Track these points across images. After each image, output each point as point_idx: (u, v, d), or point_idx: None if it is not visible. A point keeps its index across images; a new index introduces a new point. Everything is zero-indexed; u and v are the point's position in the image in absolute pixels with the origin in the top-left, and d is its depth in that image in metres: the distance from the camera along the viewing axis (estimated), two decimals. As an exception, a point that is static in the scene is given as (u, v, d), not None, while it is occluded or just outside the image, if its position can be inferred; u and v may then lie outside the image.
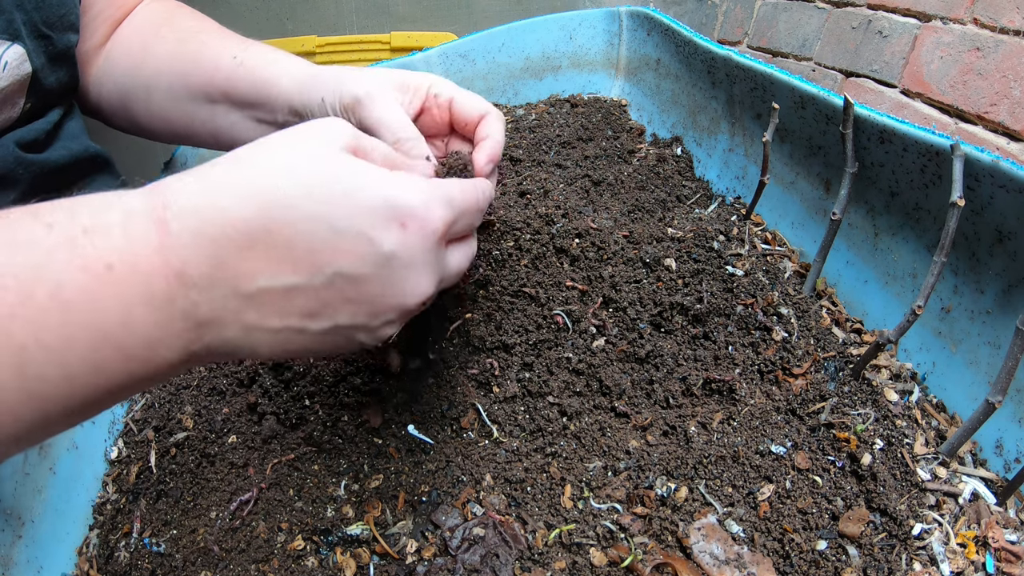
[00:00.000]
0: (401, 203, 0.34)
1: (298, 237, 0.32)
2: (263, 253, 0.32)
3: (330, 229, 0.33)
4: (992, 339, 0.54)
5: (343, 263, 0.33)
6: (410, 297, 0.36)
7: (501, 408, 0.59)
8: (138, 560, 0.52)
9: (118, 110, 0.68)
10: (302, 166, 0.34)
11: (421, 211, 0.35)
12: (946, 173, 0.53)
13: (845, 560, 0.46)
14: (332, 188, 0.33)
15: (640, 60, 1.16)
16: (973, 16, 1.19)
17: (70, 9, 0.62)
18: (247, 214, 0.32)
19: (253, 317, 0.33)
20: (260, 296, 0.33)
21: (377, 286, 0.34)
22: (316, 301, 0.34)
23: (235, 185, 0.33)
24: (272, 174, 0.33)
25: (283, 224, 0.32)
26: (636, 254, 0.69)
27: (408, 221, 0.34)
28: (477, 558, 0.47)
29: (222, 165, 0.34)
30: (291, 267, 0.33)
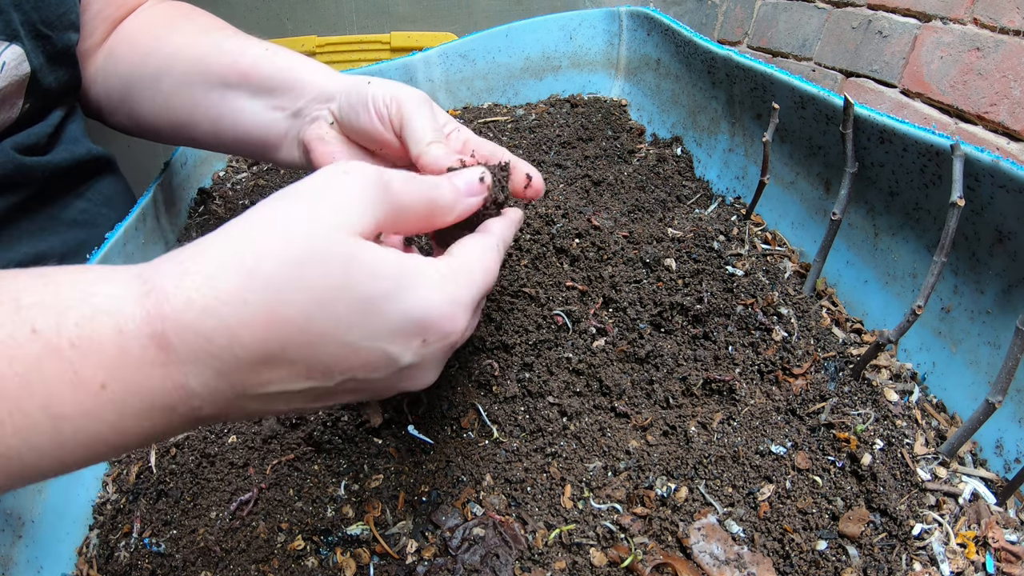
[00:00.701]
0: (424, 319, 0.33)
1: (314, 355, 0.31)
2: (277, 367, 0.31)
3: (348, 346, 0.31)
4: (992, 339, 0.54)
5: (358, 372, 0.33)
6: (418, 387, 0.37)
7: (501, 408, 0.59)
8: (138, 560, 0.52)
9: (118, 106, 0.67)
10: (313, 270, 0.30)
11: (445, 325, 0.34)
12: (946, 173, 0.53)
13: (845, 560, 0.46)
14: (350, 302, 0.31)
15: (640, 60, 1.16)
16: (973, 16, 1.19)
17: (70, 8, 0.62)
18: (258, 336, 0.29)
19: (258, 407, 0.32)
20: (269, 396, 0.32)
21: (388, 384, 0.35)
22: (325, 394, 0.34)
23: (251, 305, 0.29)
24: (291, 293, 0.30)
25: (300, 346, 0.30)
26: (636, 254, 0.69)
27: (430, 336, 0.33)
28: (477, 558, 0.47)
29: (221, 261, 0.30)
30: (305, 376, 0.31)
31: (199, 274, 0.30)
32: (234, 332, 0.29)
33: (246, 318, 0.29)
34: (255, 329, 0.29)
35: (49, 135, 0.65)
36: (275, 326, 0.30)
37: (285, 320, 0.30)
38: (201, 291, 0.29)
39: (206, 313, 0.29)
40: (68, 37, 0.62)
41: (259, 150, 0.61)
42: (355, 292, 0.31)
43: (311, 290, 0.30)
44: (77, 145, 0.69)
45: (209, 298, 0.29)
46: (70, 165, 0.68)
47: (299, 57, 0.58)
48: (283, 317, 0.30)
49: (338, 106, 0.54)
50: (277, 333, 0.30)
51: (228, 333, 0.29)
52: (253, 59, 0.58)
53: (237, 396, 0.31)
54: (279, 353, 0.30)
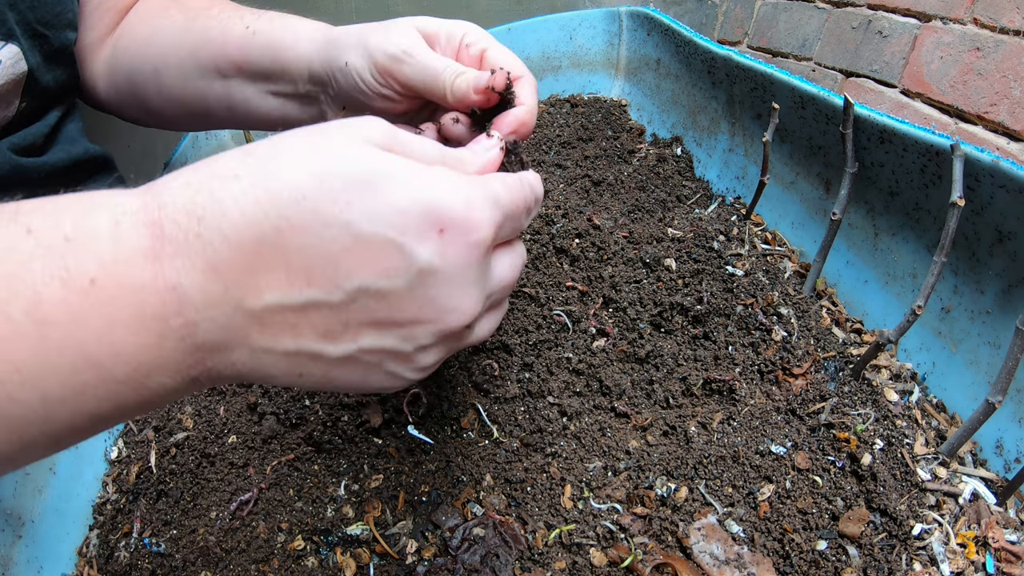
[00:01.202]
0: (439, 203, 0.28)
1: (314, 243, 0.27)
2: (272, 262, 0.27)
3: (352, 235, 0.27)
4: (992, 339, 0.54)
5: (368, 277, 0.28)
6: (452, 318, 0.30)
7: (501, 408, 0.59)
8: (138, 560, 0.52)
9: (128, 99, 0.66)
10: (321, 159, 0.28)
11: (463, 213, 0.29)
12: (946, 173, 0.53)
13: (845, 560, 0.46)
14: (355, 184, 0.27)
15: (640, 60, 1.16)
16: (973, 16, 1.19)
17: (67, 7, 0.62)
18: (254, 214, 0.26)
19: (262, 338, 0.28)
20: (269, 314, 0.28)
21: (410, 305, 0.29)
22: (335, 320, 0.28)
23: (242, 180, 0.27)
24: (286, 168, 0.28)
25: (296, 228, 0.27)
26: (636, 254, 0.69)
27: (448, 226, 0.28)
28: (477, 558, 0.47)
29: (230, 156, 0.29)
30: (305, 279, 0.27)
31: (203, 164, 0.28)
32: (224, 209, 0.26)
33: (236, 192, 0.26)
34: (245, 205, 0.26)
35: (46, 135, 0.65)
36: (267, 202, 0.26)
37: (277, 194, 0.26)
38: (198, 173, 0.27)
39: (198, 190, 0.27)
40: (66, 36, 0.62)
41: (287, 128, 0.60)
42: (357, 168, 0.28)
43: (313, 171, 0.27)
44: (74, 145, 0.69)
45: (204, 177, 0.27)
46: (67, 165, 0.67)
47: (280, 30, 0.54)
48: (275, 191, 0.27)
49: (334, 93, 0.51)
50: (269, 211, 0.26)
51: (218, 210, 0.26)
52: (238, 46, 0.55)
53: (235, 309, 0.27)
54: (273, 239, 0.26)
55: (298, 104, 0.56)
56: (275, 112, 0.57)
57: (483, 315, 0.33)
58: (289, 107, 0.56)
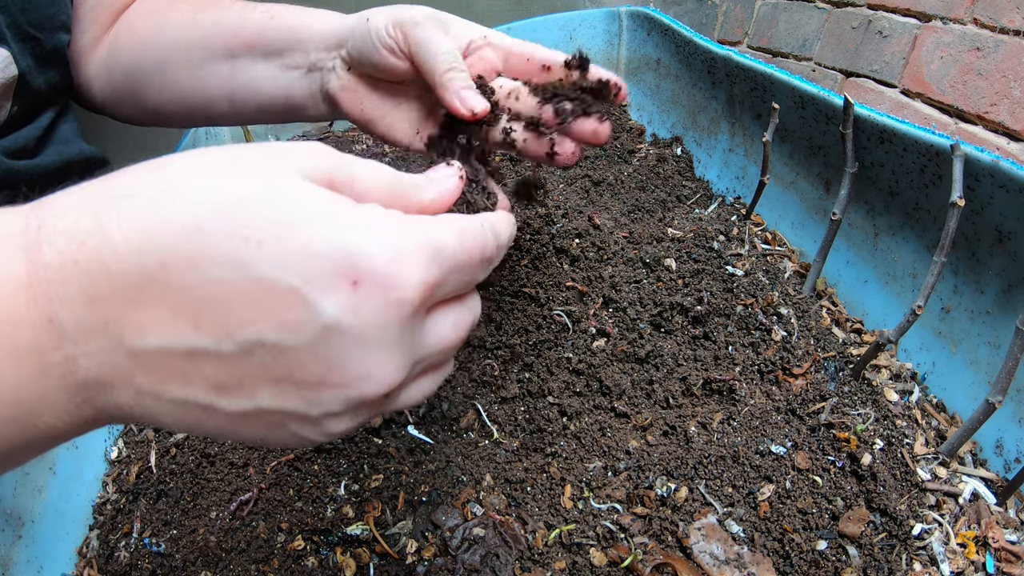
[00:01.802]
0: (358, 250, 0.24)
1: (204, 283, 0.23)
2: (156, 300, 0.23)
3: (248, 278, 0.23)
4: (992, 339, 0.54)
5: (264, 328, 0.24)
6: (364, 386, 0.25)
7: (501, 408, 0.59)
8: (138, 560, 0.52)
9: (127, 98, 0.66)
10: (233, 187, 0.24)
11: (386, 265, 0.24)
12: (946, 173, 0.53)
13: (845, 560, 0.46)
14: (263, 221, 0.23)
15: (640, 60, 1.16)
16: (973, 16, 1.19)
17: (60, 8, 0.61)
18: (139, 243, 0.23)
19: (146, 382, 0.24)
20: (152, 357, 0.24)
21: (315, 366, 0.24)
22: (228, 373, 0.24)
23: (134, 200, 0.24)
24: (190, 192, 0.24)
25: (185, 263, 0.23)
26: (636, 254, 0.69)
27: (364, 279, 0.24)
28: (477, 558, 0.47)
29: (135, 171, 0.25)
30: (192, 324, 0.24)
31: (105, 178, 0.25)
32: (107, 235, 0.23)
33: (124, 215, 0.23)
34: (131, 232, 0.23)
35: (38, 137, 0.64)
36: (156, 230, 0.23)
37: (168, 223, 0.23)
38: (92, 190, 0.24)
39: (82, 211, 0.24)
40: (58, 38, 0.62)
41: (286, 113, 0.60)
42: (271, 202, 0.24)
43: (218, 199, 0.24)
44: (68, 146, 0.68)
45: (95, 196, 0.24)
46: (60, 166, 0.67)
47: (302, 12, 0.56)
48: (167, 219, 0.23)
49: (347, 51, 0.51)
50: (156, 240, 0.23)
51: (101, 235, 0.23)
52: (255, 27, 0.56)
53: (115, 348, 0.24)
54: (158, 273, 0.23)
55: (304, 75, 0.57)
56: (280, 88, 0.58)
57: (410, 382, 0.29)
58: (295, 80, 0.57)
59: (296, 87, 0.56)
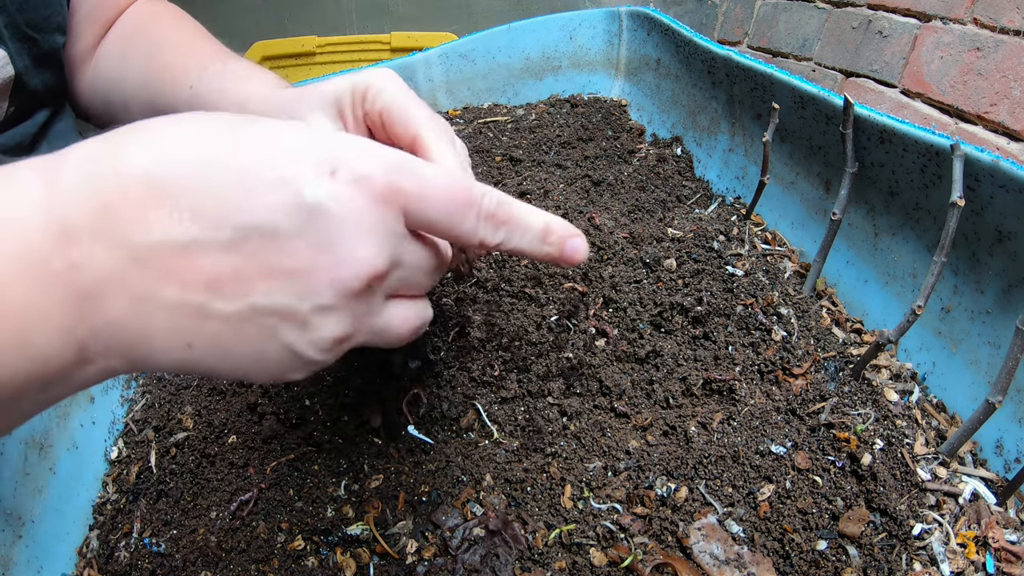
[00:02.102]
0: (334, 148, 0.28)
1: (203, 179, 0.26)
2: (158, 197, 0.26)
3: (241, 169, 0.26)
4: (992, 339, 0.54)
5: (257, 213, 0.26)
6: (347, 266, 0.27)
7: (501, 408, 0.59)
8: (138, 560, 0.52)
9: (105, 118, 0.67)
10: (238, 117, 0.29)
11: (357, 159, 0.28)
12: (946, 173, 0.53)
13: (845, 560, 0.46)
14: (253, 129, 0.28)
15: (640, 60, 1.16)
16: (973, 16, 1.19)
17: (56, 10, 0.61)
18: (149, 154, 0.26)
19: (144, 282, 0.26)
20: (153, 253, 0.26)
21: (302, 248, 0.27)
22: (224, 264, 0.26)
23: (145, 130, 0.27)
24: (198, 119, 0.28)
25: (188, 165, 0.26)
26: (636, 254, 0.69)
27: (340, 169, 0.27)
28: (477, 558, 0.47)
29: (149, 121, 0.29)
30: (190, 215, 0.26)
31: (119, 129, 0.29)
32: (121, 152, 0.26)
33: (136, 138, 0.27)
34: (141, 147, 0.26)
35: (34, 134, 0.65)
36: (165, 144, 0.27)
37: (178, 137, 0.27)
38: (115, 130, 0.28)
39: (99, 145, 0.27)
40: (55, 40, 0.62)
41: None
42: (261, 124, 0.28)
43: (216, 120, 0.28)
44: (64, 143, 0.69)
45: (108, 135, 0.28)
46: None
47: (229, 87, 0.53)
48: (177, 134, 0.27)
49: None
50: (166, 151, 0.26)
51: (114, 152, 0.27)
52: (187, 100, 0.55)
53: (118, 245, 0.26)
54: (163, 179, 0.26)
55: None
56: None
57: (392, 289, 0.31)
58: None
59: None
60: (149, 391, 0.67)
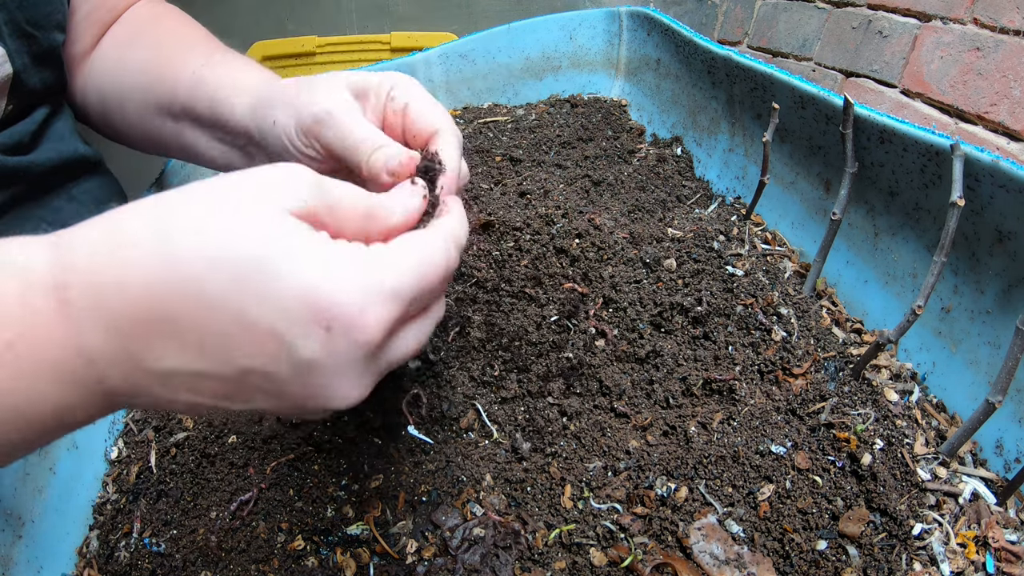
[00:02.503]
0: (327, 300, 0.28)
1: (206, 322, 0.28)
2: (168, 335, 0.28)
3: (238, 319, 0.28)
4: (992, 339, 0.54)
5: (255, 360, 0.29)
6: (337, 402, 0.31)
7: (501, 408, 0.59)
8: (138, 560, 0.52)
9: (100, 119, 0.67)
10: (222, 235, 0.28)
11: (352, 313, 0.29)
12: (946, 173, 0.53)
13: (845, 560, 0.46)
14: (248, 268, 0.28)
15: (640, 60, 1.16)
16: (973, 16, 1.19)
17: (56, 7, 0.61)
18: (149, 286, 0.28)
19: (164, 392, 0.30)
20: (167, 376, 0.29)
21: (297, 388, 0.30)
22: (228, 388, 0.30)
23: (141, 248, 0.28)
24: (186, 241, 0.28)
25: (189, 306, 0.28)
26: (636, 254, 0.69)
27: (335, 324, 0.28)
28: (477, 558, 0.47)
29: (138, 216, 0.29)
30: (197, 353, 0.28)
31: (108, 221, 0.29)
32: (124, 276, 0.28)
33: (136, 260, 0.28)
34: (145, 274, 0.27)
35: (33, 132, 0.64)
36: (165, 273, 0.28)
37: (175, 268, 0.28)
38: (104, 235, 0.29)
39: (102, 255, 0.28)
40: (54, 37, 0.61)
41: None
42: (256, 263, 0.28)
43: (210, 249, 0.28)
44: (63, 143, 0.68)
45: (109, 242, 0.28)
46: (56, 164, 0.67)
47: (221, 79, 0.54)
48: (173, 264, 0.28)
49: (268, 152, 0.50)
50: (165, 286, 0.28)
51: (118, 276, 0.28)
52: (187, 92, 0.55)
53: (135, 368, 0.29)
54: (167, 312, 0.28)
55: (240, 155, 0.55)
56: (220, 158, 0.57)
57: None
58: (232, 156, 0.56)
59: (235, 160, 0.56)
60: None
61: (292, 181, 0.31)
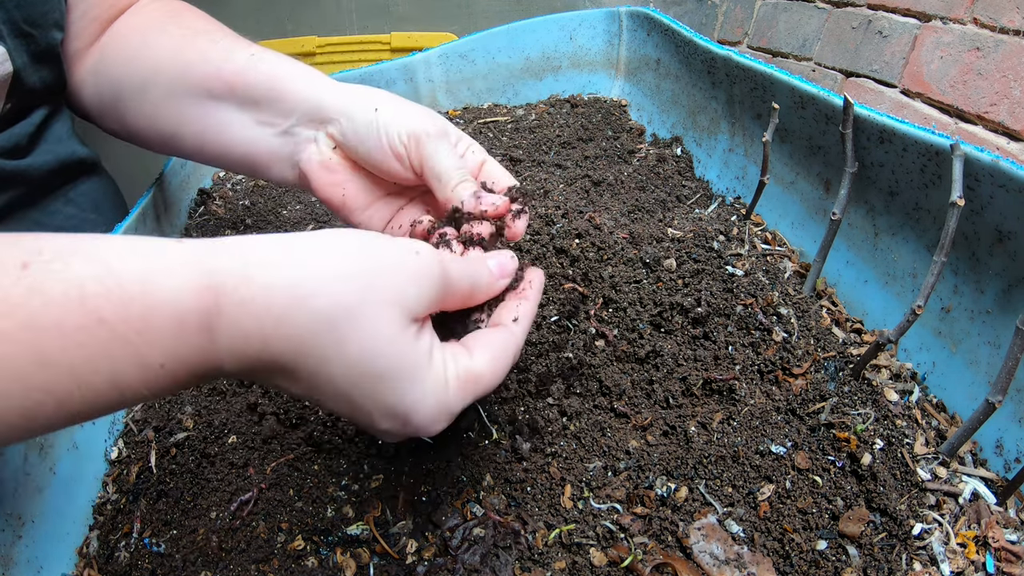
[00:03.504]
0: (411, 413, 0.38)
1: (317, 385, 0.36)
2: (285, 378, 0.36)
3: (344, 395, 0.36)
4: (992, 339, 0.54)
5: (346, 410, 0.37)
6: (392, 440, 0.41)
7: (501, 408, 0.59)
8: (138, 560, 0.52)
9: (110, 111, 0.65)
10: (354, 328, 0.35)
11: (424, 423, 0.38)
12: (946, 173, 0.53)
13: (845, 560, 0.46)
14: (363, 372, 0.35)
15: (640, 60, 1.16)
16: (973, 16, 1.19)
17: (54, 6, 0.61)
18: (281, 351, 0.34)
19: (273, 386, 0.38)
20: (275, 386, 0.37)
21: (371, 428, 0.39)
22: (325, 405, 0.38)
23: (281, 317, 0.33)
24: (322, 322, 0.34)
25: (309, 374, 0.35)
26: (636, 254, 0.69)
27: (409, 426, 0.38)
28: (477, 558, 0.47)
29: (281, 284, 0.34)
30: (306, 392, 0.37)
31: (257, 283, 0.34)
32: (266, 341, 0.34)
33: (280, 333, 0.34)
34: (282, 347, 0.34)
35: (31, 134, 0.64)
36: (297, 351, 0.34)
37: (306, 354, 0.34)
38: (256, 298, 0.33)
39: (250, 317, 0.33)
40: (52, 36, 0.61)
41: (245, 166, 0.60)
42: (373, 363, 0.35)
43: (340, 342, 0.34)
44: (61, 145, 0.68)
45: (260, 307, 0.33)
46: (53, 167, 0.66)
47: (288, 65, 0.56)
48: (306, 351, 0.34)
49: (341, 132, 0.53)
50: (297, 359, 0.34)
51: (261, 339, 0.33)
52: (238, 67, 0.56)
53: (251, 376, 0.36)
54: (291, 371, 0.35)
55: (278, 136, 0.56)
56: (248, 142, 0.58)
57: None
58: (266, 138, 0.57)
59: (262, 144, 0.57)
60: (149, 391, 0.67)
61: (423, 285, 0.37)
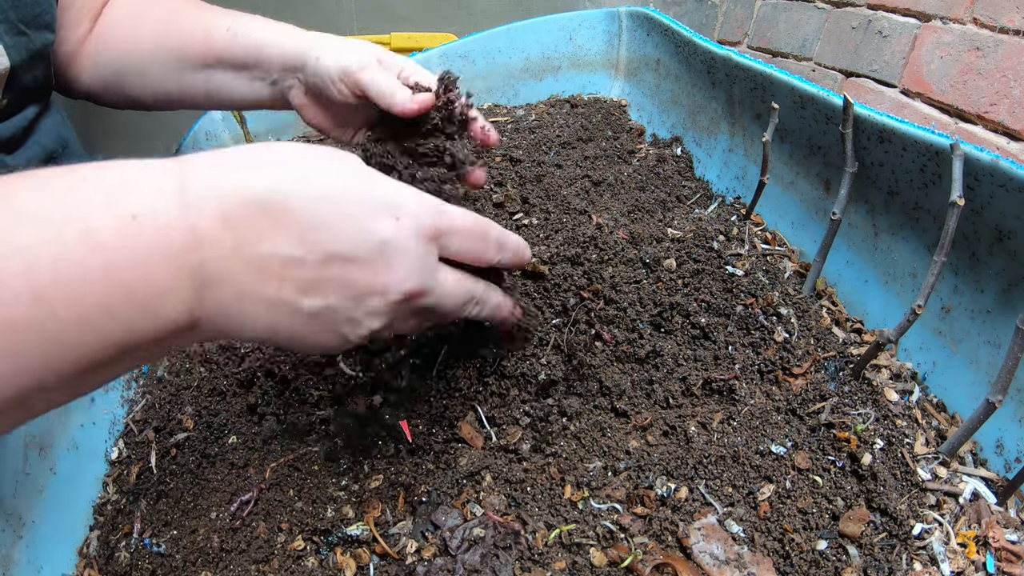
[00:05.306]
0: (398, 200, 0.39)
1: (307, 215, 0.35)
2: (272, 223, 0.35)
3: (337, 214, 0.36)
4: (992, 338, 0.54)
5: (341, 245, 0.36)
6: (394, 285, 0.38)
7: (501, 408, 0.59)
8: (138, 560, 0.52)
9: (111, 89, 0.71)
10: (327, 162, 0.38)
11: (413, 208, 0.39)
12: (946, 173, 0.53)
13: (845, 560, 0.46)
14: (349, 182, 0.37)
15: (640, 60, 1.16)
16: (973, 16, 1.19)
17: (45, 9, 0.63)
18: (265, 187, 0.35)
19: (251, 281, 0.35)
20: (261, 261, 0.35)
21: (368, 270, 0.37)
22: (312, 276, 0.36)
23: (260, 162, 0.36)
24: (299, 160, 0.37)
25: (297, 201, 0.35)
26: (636, 254, 0.69)
27: (401, 215, 0.38)
28: (477, 558, 0.47)
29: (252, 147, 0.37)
30: (296, 240, 0.35)
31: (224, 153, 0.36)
32: (245, 173, 0.35)
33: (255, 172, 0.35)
34: (262, 181, 0.35)
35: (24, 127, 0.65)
36: (280, 184, 0.35)
37: (290, 180, 0.35)
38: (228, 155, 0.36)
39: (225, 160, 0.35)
40: (44, 37, 0.63)
41: (254, 108, 0.71)
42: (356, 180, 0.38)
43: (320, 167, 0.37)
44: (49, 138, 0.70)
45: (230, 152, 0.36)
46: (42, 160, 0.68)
47: (262, 31, 0.65)
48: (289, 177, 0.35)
49: (304, 78, 0.63)
50: (280, 188, 0.35)
51: (240, 173, 0.35)
52: (223, 42, 0.65)
53: (235, 253, 0.34)
54: (276, 209, 0.35)
55: (269, 86, 0.66)
56: (250, 94, 0.67)
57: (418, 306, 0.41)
58: (262, 88, 0.67)
59: (263, 94, 0.67)
60: (149, 392, 0.67)
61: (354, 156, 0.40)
